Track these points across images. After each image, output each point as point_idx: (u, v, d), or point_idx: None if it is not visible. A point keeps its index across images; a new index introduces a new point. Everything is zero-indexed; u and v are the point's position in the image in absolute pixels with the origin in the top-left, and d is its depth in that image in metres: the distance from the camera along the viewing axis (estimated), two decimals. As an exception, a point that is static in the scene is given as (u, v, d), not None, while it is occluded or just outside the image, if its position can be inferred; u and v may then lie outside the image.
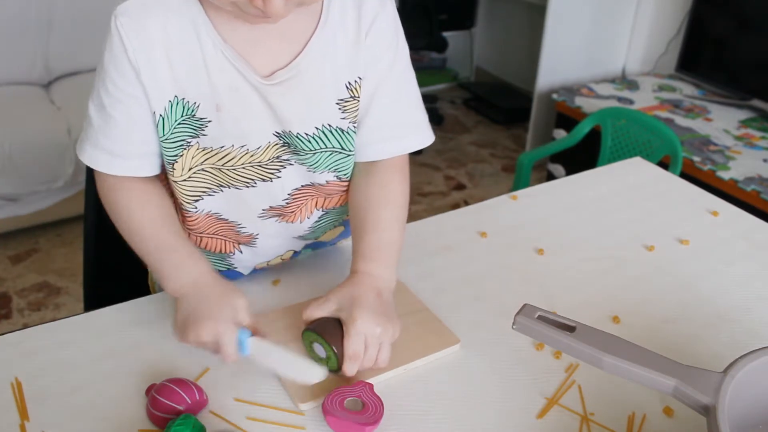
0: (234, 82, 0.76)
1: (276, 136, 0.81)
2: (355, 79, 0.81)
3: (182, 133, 0.78)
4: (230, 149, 0.80)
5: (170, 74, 0.75)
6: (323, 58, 0.78)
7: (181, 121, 0.78)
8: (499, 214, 1.14)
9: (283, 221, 0.90)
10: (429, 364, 0.81)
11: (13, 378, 0.77)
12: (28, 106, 2.43)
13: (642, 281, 0.98)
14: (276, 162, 0.83)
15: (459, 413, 0.75)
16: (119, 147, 0.78)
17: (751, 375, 0.65)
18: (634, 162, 1.35)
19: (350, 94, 0.81)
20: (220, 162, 0.81)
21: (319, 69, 0.78)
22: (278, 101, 0.78)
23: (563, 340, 0.69)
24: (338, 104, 0.81)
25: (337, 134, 0.82)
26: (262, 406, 0.75)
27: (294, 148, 0.82)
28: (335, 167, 0.86)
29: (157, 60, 0.74)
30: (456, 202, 2.82)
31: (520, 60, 3.74)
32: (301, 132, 0.80)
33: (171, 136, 0.78)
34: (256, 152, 0.81)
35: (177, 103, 0.76)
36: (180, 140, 0.79)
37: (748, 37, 2.50)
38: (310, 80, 0.78)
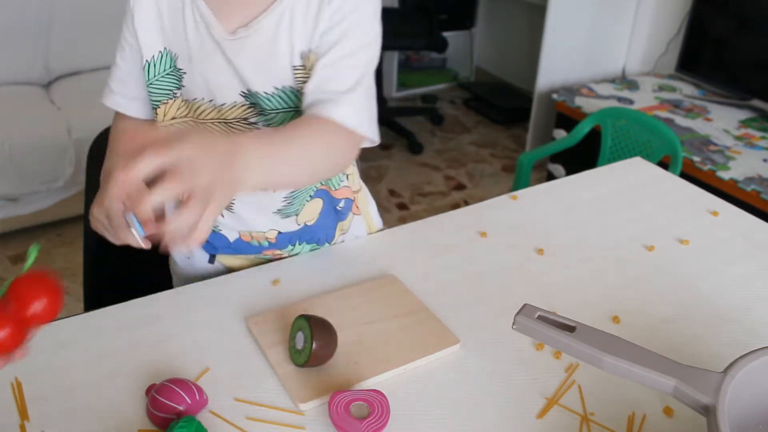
0: (201, 37, 0.84)
1: (243, 96, 0.86)
2: (307, 50, 0.84)
3: (168, 83, 0.88)
4: (201, 102, 0.87)
5: (159, 24, 0.85)
6: (282, 22, 0.83)
7: (169, 71, 0.87)
8: (499, 214, 1.14)
9: None
10: (429, 364, 0.81)
11: (13, 378, 0.77)
12: (28, 106, 2.43)
13: (642, 281, 0.98)
14: (243, 123, 0.88)
15: (459, 413, 0.75)
16: (117, 86, 0.92)
17: (751, 375, 0.65)
18: (634, 162, 1.35)
19: (302, 63, 0.84)
20: (195, 113, 0.88)
21: (276, 32, 0.83)
22: (236, 57, 0.83)
23: (563, 340, 0.69)
24: (295, 69, 0.85)
25: (297, 95, 0.86)
26: (262, 406, 0.75)
27: (260, 109, 0.86)
28: None
29: (148, 10, 0.85)
30: (456, 202, 2.82)
31: (520, 60, 3.74)
32: (261, 91, 0.85)
33: (156, 82, 0.88)
34: (223, 108, 0.87)
35: (166, 54, 0.86)
36: (167, 90, 0.88)
37: (748, 37, 2.50)
38: (266, 41, 0.83)
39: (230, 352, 0.82)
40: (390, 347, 0.82)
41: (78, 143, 2.29)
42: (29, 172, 2.26)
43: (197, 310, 0.89)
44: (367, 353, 0.81)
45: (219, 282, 0.95)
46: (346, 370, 0.79)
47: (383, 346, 0.82)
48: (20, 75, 2.57)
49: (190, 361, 0.80)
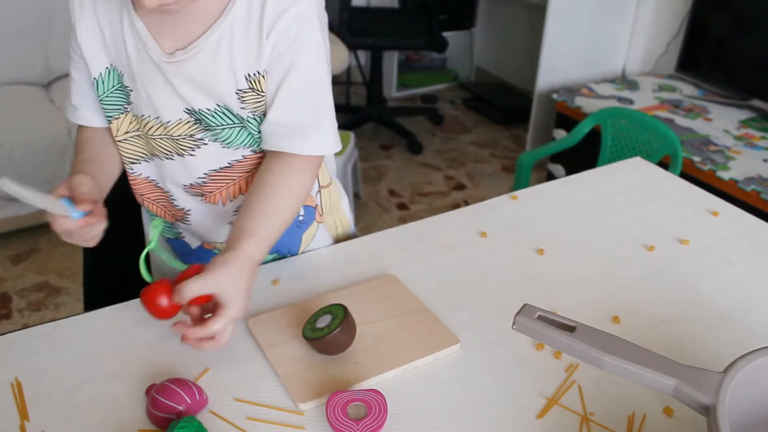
0: (141, 56, 0.84)
1: (187, 113, 0.86)
2: (254, 72, 0.82)
3: (118, 99, 0.88)
4: (148, 119, 0.88)
5: (103, 45, 0.85)
6: (222, 45, 0.81)
7: (117, 87, 0.88)
8: (500, 214, 1.14)
9: (207, 202, 0.94)
10: (429, 364, 0.81)
11: (13, 378, 0.77)
12: (28, 106, 2.43)
13: (642, 281, 0.98)
14: (190, 140, 0.88)
15: (459, 413, 0.75)
16: (76, 100, 0.92)
17: (751, 375, 0.65)
18: (634, 162, 1.35)
19: (249, 86, 0.83)
20: (144, 129, 0.89)
21: (216, 55, 0.81)
22: (175, 78, 0.83)
23: (563, 340, 0.69)
24: (237, 94, 0.84)
25: (238, 119, 0.86)
26: (262, 406, 0.75)
27: (206, 125, 0.87)
28: (249, 143, 0.89)
29: (91, 31, 0.85)
30: (456, 202, 2.82)
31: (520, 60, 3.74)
32: (203, 108, 0.85)
33: (107, 99, 0.89)
34: (168, 125, 0.87)
35: (113, 71, 0.87)
36: (118, 105, 0.89)
37: (748, 37, 2.50)
38: (205, 64, 0.82)
39: (230, 352, 0.82)
40: (390, 347, 0.82)
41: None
42: (29, 172, 2.26)
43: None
44: (367, 353, 0.81)
45: (219, 282, 0.95)
46: (346, 370, 0.79)
47: (383, 346, 0.82)
48: (20, 75, 2.57)
49: (190, 361, 0.80)
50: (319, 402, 0.75)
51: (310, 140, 0.85)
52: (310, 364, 0.80)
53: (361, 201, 2.78)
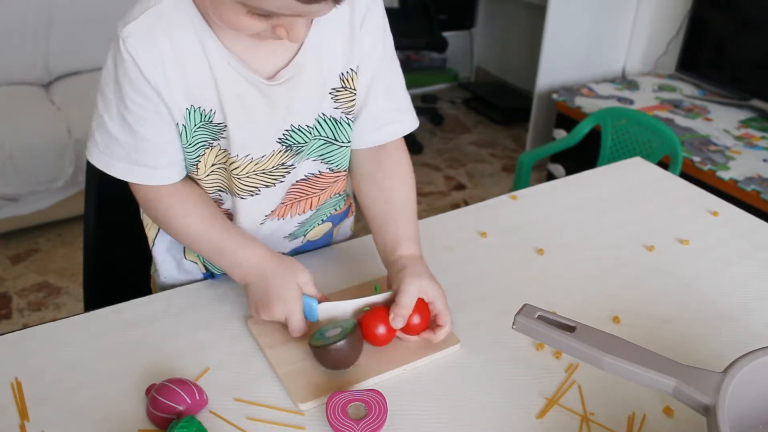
0: (239, 89, 0.78)
1: (279, 143, 0.83)
2: (348, 70, 0.84)
3: (201, 137, 0.81)
4: (236, 158, 0.83)
5: (183, 86, 0.77)
6: (319, 52, 0.81)
7: (200, 126, 0.80)
8: (499, 214, 1.14)
9: (273, 218, 0.93)
10: (429, 364, 0.81)
11: (13, 378, 0.77)
12: (28, 106, 2.43)
13: (642, 281, 0.98)
14: (281, 168, 0.87)
15: (459, 413, 0.75)
16: (152, 160, 0.81)
17: (751, 375, 0.65)
18: (634, 162, 1.35)
19: (342, 84, 0.85)
20: (230, 168, 0.84)
21: (316, 63, 0.82)
22: (282, 100, 0.81)
23: (563, 340, 0.69)
24: (330, 94, 0.84)
25: (330, 123, 0.86)
26: (262, 406, 0.75)
27: (296, 149, 0.85)
28: (327, 158, 0.90)
29: (171, 76, 0.76)
30: (456, 202, 2.82)
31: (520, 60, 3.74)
32: (303, 125, 0.84)
33: (192, 140, 0.81)
34: (261, 161, 0.84)
35: (194, 112, 0.79)
36: (201, 143, 0.82)
37: (748, 37, 2.50)
38: (310, 75, 0.82)
39: (230, 353, 0.82)
40: (390, 347, 0.82)
41: (78, 143, 2.29)
42: (29, 172, 2.26)
43: (197, 310, 0.89)
44: (368, 353, 0.81)
45: (219, 282, 0.95)
46: (346, 370, 0.79)
47: (384, 347, 0.82)
48: (20, 75, 2.57)
49: (190, 361, 0.80)
50: (320, 402, 0.75)
51: (404, 121, 0.93)
52: (311, 364, 0.80)
53: (361, 201, 2.78)
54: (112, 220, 1.13)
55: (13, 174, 2.23)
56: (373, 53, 0.85)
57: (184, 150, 0.82)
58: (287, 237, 0.97)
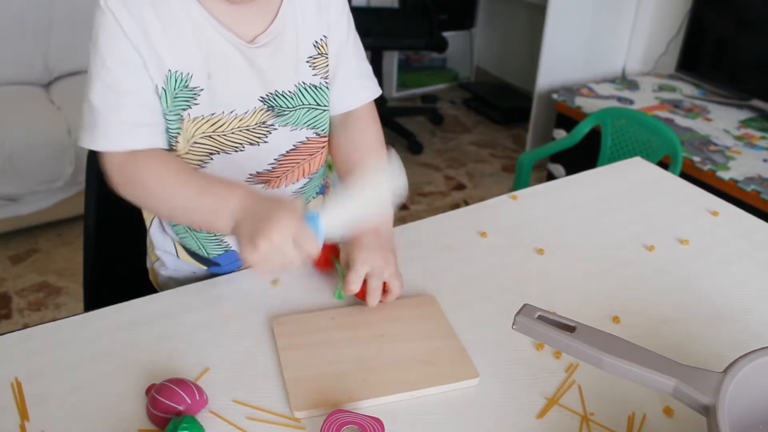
0: (221, 48, 0.84)
1: (261, 101, 0.88)
2: (320, 38, 0.92)
3: (177, 106, 0.84)
4: (221, 116, 0.87)
5: (165, 48, 0.81)
6: (293, 21, 0.89)
7: (177, 93, 0.83)
8: (499, 214, 1.14)
9: (270, 187, 0.95)
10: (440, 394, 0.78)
11: (13, 378, 0.77)
12: (28, 106, 2.43)
13: (642, 281, 0.98)
14: (262, 127, 0.90)
15: (459, 412, 0.75)
16: (129, 117, 0.81)
17: (751, 375, 0.65)
18: (634, 162, 1.35)
19: (318, 51, 0.93)
20: (211, 129, 0.87)
21: (292, 31, 0.89)
22: (263, 62, 0.87)
23: (563, 340, 0.69)
24: (308, 62, 0.92)
25: (311, 90, 0.93)
26: (260, 409, 0.75)
27: (277, 111, 0.90)
28: (313, 123, 0.95)
29: (153, 37, 0.79)
30: (456, 202, 2.82)
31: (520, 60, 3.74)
32: (283, 90, 0.90)
33: (173, 107, 0.84)
34: (245, 116, 0.88)
35: (172, 76, 0.82)
36: (177, 113, 0.85)
37: (748, 37, 2.50)
38: (287, 41, 0.89)
39: (230, 352, 0.82)
40: (403, 370, 0.79)
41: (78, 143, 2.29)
42: (29, 172, 2.26)
43: (197, 310, 0.89)
44: (377, 372, 0.78)
45: (219, 282, 0.95)
46: (353, 385, 0.76)
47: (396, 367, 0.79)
48: (20, 75, 2.56)
49: (190, 361, 0.80)
50: (317, 413, 0.73)
51: (371, 88, 1.01)
52: (318, 374, 0.78)
53: (361, 201, 2.77)
54: (112, 220, 1.13)
55: (13, 174, 2.23)
56: (338, 24, 0.94)
57: (165, 119, 0.84)
58: None
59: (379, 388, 0.76)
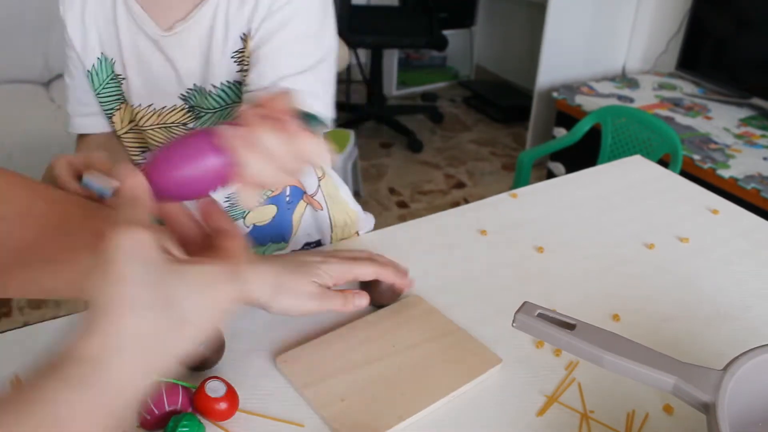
0: (135, 38, 0.82)
1: (182, 100, 0.84)
2: (247, 30, 0.82)
3: (113, 89, 0.85)
4: (139, 108, 0.85)
5: (91, 31, 0.83)
6: (220, 10, 0.81)
7: (110, 78, 0.85)
8: (499, 212, 1.14)
9: None
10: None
11: (13, 376, 0.77)
12: (27, 104, 2.43)
13: (642, 279, 0.98)
14: (182, 128, 0.87)
15: (458, 411, 0.75)
16: (72, 108, 0.89)
17: (751, 373, 0.65)
18: (634, 160, 1.35)
19: (244, 46, 0.83)
20: (137, 120, 0.87)
21: (215, 21, 0.81)
22: (176, 54, 0.81)
23: (563, 337, 0.69)
24: (233, 57, 0.83)
25: (236, 89, 0.84)
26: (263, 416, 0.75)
27: (197, 113, 0.85)
28: None
29: (82, 18, 0.83)
30: (456, 201, 2.82)
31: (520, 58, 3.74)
32: (203, 87, 0.84)
33: (103, 91, 0.85)
34: (162, 112, 0.85)
35: (103, 60, 0.84)
36: (113, 96, 0.86)
37: (748, 36, 2.50)
38: (205, 31, 0.81)
39: (231, 349, 0.82)
40: (433, 374, 0.77)
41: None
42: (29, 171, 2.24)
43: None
44: (413, 382, 0.76)
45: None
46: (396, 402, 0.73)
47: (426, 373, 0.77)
48: (20, 73, 2.56)
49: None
50: None
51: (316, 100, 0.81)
52: (355, 401, 0.73)
53: (362, 199, 2.78)
54: (112, 218, 1.13)
55: (13, 172, 2.23)
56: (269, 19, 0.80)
57: (98, 100, 0.86)
58: None
59: (423, 398, 0.74)
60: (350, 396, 0.74)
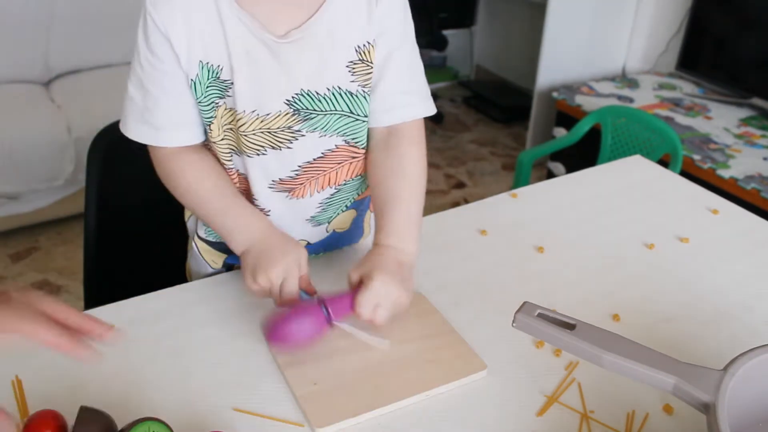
0: (247, 44, 0.81)
1: (287, 105, 0.84)
2: (364, 43, 0.85)
3: (212, 95, 0.84)
4: (242, 114, 0.84)
5: (195, 40, 0.80)
6: (335, 21, 0.83)
7: (210, 83, 0.83)
8: (500, 212, 1.14)
9: (293, 197, 0.92)
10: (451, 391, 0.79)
11: (13, 376, 0.77)
12: (28, 104, 2.43)
13: (642, 279, 0.98)
14: (287, 132, 0.86)
15: (459, 411, 0.75)
16: (161, 120, 0.84)
17: (751, 373, 0.65)
18: (634, 160, 1.35)
19: (359, 57, 0.85)
20: (237, 125, 0.85)
21: (330, 30, 0.83)
22: (291, 59, 0.82)
23: (563, 337, 0.69)
24: (348, 67, 0.85)
25: (346, 97, 0.86)
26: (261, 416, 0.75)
27: (304, 115, 0.85)
28: (345, 131, 0.89)
29: (182, 28, 0.80)
30: (456, 201, 2.82)
31: (520, 58, 3.73)
32: (312, 90, 0.84)
33: (204, 99, 0.83)
34: (266, 118, 0.84)
35: (203, 67, 0.82)
36: (211, 102, 0.84)
37: (748, 36, 2.49)
38: (322, 40, 0.83)
39: (234, 351, 0.82)
40: (412, 371, 0.79)
41: (78, 141, 2.29)
42: (29, 171, 2.26)
43: (200, 307, 0.89)
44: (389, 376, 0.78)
45: (220, 280, 0.95)
46: (368, 393, 0.75)
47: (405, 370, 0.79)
48: (20, 73, 2.56)
49: (192, 360, 0.80)
50: (339, 427, 0.72)
51: (418, 106, 0.91)
52: (329, 387, 0.76)
53: (361, 199, 2.77)
54: (113, 218, 1.13)
55: (13, 172, 2.23)
56: (391, 32, 0.86)
57: (199, 108, 0.84)
58: (309, 221, 0.95)
59: (395, 393, 0.76)
60: (326, 381, 0.77)
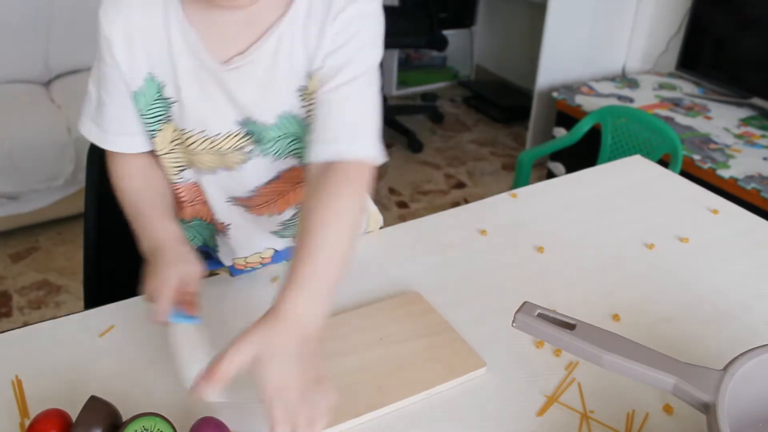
0: (192, 66, 0.78)
1: (239, 125, 0.81)
2: (313, 69, 0.78)
3: (158, 109, 0.82)
4: (191, 133, 0.82)
5: (138, 50, 0.79)
6: (283, 46, 0.77)
7: (156, 98, 0.81)
8: (499, 212, 1.14)
9: (252, 213, 0.91)
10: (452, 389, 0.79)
11: (13, 376, 0.77)
12: (28, 104, 2.43)
13: (642, 279, 0.98)
14: (238, 152, 0.84)
15: (458, 411, 0.75)
16: (106, 123, 0.84)
17: (751, 372, 0.65)
18: (634, 160, 1.35)
19: (307, 84, 0.80)
20: (186, 143, 0.84)
21: (276, 57, 0.77)
22: (234, 87, 0.78)
23: (563, 337, 0.69)
24: (299, 91, 0.80)
25: (298, 122, 0.82)
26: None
27: (257, 138, 0.82)
28: (299, 153, 0.84)
29: (129, 38, 0.79)
30: (456, 201, 2.82)
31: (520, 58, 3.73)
32: (259, 120, 0.80)
33: (148, 112, 0.82)
34: (216, 139, 0.82)
35: (151, 80, 0.80)
36: (158, 116, 0.83)
37: (748, 36, 2.49)
38: (266, 68, 0.77)
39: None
40: (412, 370, 0.78)
41: (78, 142, 2.29)
42: (29, 171, 2.26)
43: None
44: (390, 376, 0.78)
45: (220, 280, 0.95)
46: (370, 393, 0.75)
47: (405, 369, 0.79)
48: (20, 73, 2.56)
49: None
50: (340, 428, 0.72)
51: (362, 142, 0.79)
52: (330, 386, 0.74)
53: (361, 199, 2.77)
54: (112, 218, 1.13)
55: (13, 172, 2.23)
56: (335, 55, 0.77)
57: (142, 120, 0.83)
58: (273, 233, 0.95)
59: (395, 393, 0.75)
60: None
